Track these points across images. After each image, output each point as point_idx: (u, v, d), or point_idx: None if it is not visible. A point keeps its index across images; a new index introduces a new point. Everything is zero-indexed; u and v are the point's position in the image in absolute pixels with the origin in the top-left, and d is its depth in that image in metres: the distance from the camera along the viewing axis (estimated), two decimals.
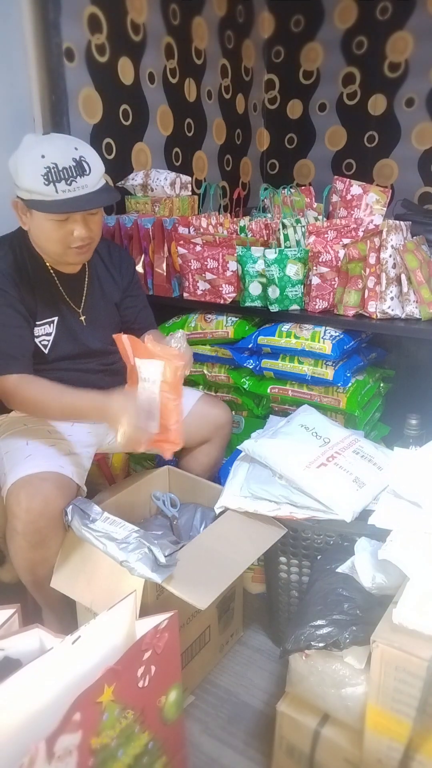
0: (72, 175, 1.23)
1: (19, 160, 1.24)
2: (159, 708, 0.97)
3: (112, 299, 1.56)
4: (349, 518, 1.32)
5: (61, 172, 1.22)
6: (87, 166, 1.25)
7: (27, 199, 1.26)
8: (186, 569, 1.19)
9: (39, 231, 1.32)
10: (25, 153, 1.24)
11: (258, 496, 1.40)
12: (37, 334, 1.40)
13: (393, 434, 1.83)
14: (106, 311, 1.54)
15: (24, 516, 1.23)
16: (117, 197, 1.41)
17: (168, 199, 2.06)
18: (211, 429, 1.66)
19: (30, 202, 1.26)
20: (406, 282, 1.58)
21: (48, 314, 1.41)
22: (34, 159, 1.22)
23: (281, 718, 1.16)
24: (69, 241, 1.32)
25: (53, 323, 1.42)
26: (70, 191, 1.24)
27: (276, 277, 1.71)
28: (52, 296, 1.42)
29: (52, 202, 1.24)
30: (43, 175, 1.21)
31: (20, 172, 1.24)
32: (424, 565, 1.02)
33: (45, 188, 1.22)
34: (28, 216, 1.31)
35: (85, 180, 1.25)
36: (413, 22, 2.60)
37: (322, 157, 3.05)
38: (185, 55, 2.50)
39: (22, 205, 1.30)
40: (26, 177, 1.23)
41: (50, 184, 1.22)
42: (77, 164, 1.24)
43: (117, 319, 1.59)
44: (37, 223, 1.30)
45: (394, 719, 0.99)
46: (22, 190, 1.26)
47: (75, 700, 0.78)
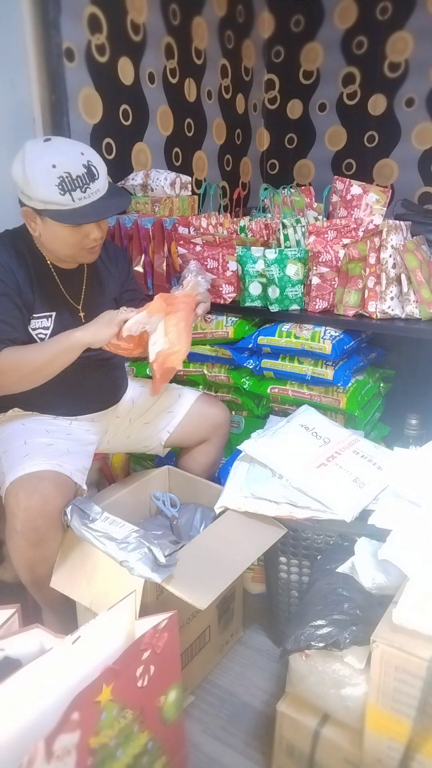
0: (86, 182, 1.24)
1: (29, 171, 1.23)
2: (158, 708, 0.97)
3: (111, 294, 1.57)
4: (349, 518, 1.32)
5: (75, 181, 1.23)
6: (95, 171, 1.27)
7: (42, 209, 1.26)
8: (186, 569, 1.19)
9: (53, 237, 1.32)
10: (34, 163, 1.22)
11: (258, 496, 1.40)
12: (34, 327, 1.40)
13: (393, 434, 1.83)
14: (105, 306, 1.54)
15: (22, 515, 1.23)
16: (129, 199, 1.44)
17: (168, 199, 2.06)
18: (210, 428, 1.66)
19: (46, 212, 1.25)
20: (406, 282, 1.58)
21: (46, 308, 1.41)
22: (46, 169, 1.22)
23: (281, 718, 1.16)
24: (83, 244, 1.34)
25: (51, 318, 1.42)
26: (86, 198, 1.25)
27: (276, 277, 1.71)
28: (51, 291, 1.42)
29: (72, 211, 1.25)
30: (57, 185, 1.22)
31: (32, 184, 1.23)
32: (424, 565, 1.02)
33: (61, 198, 1.23)
34: (39, 223, 1.31)
35: (96, 185, 1.27)
36: (413, 22, 2.61)
37: (322, 157, 3.05)
38: (185, 55, 2.50)
39: (32, 213, 1.29)
40: (39, 188, 1.23)
41: (66, 194, 1.23)
42: (88, 170, 1.25)
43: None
44: (51, 231, 1.30)
45: (394, 719, 0.99)
46: (34, 201, 1.25)
47: (73, 700, 0.78)
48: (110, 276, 1.56)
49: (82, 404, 1.51)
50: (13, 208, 1.90)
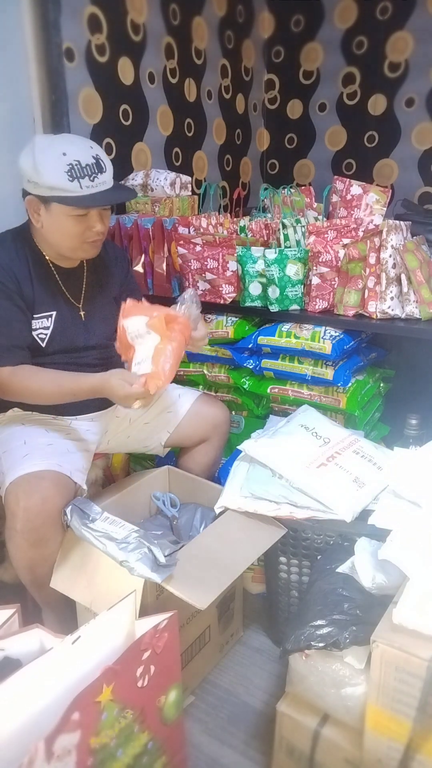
0: (94, 172, 1.28)
1: (38, 158, 1.26)
2: (158, 708, 0.97)
3: (111, 293, 1.57)
4: (349, 518, 1.32)
5: (84, 169, 1.26)
6: (103, 164, 1.30)
7: (49, 195, 1.28)
8: (186, 569, 1.19)
9: (56, 227, 1.34)
10: (44, 151, 1.26)
11: (258, 496, 1.40)
12: (35, 327, 1.41)
13: (393, 434, 1.83)
14: (105, 305, 1.55)
15: (22, 515, 1.23)
16: (135, 193, 1.48)
17: (168, 199, 2.06)
18: (210, 428, 1.66)
19: (53, 198, 1.28)
20: (406, 282, 1.58)
21: (46, 308, 1.42)
22: (56, 156, 1.25)
23: (281, 718, 1.16)
24: (86, 236, 1.36)
25: (51, 317, 1.43)
26: (93, 187, 1.28)
27: (276, 277, 1.71)
28: (51, 290, 1.43)
29: (81, 197, 1.28)
30: (66, 171, 1.25)
31: (41, 170, 1.25)
32: (424, 565, 1.02)
33: (70, 184, 1.26)
34: (42, 213, 1.33)
35: (103, 177, 1.30)
36: (413, 22, 2.61)
37: (322, 157, 3.05)
38: (185, 55, 2.50)
39: (36, 203, 1.32)
40: (49, 174, 1.25)
41: (74, 180, 1.26)
42: (96, 162, 1.28)
43: (116, 313, 1.59)
44: (55, 219, 1.32)
45: (394, 719, 0.99)
46: (42, 187, 1.27)
47: (74, 700, 0.78)
48: (110, 275, 1.56)
49: (82, 404, 1.51)
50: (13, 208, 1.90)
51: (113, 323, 1.58)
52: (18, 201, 1.84)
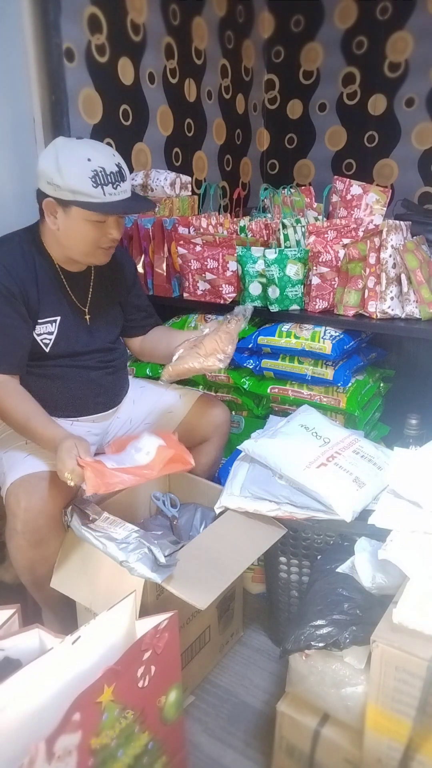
0: (117, 180, 1.28)
1: (63, 161, 1.25)
2: (159, 708, 0.97)
3: (117, 298, 1.57)
4: (349, 518, 1.32)
5: (108, 176, 1.26)
6: (125, 173, 1.31)
7: (71, 200, 1.27)
8: (186, 569, 1.19)
9: (73, 231, 1.33)
10: (69, 154, 1.25)
11: (258, 496, 1.40)
12: (38, 332, 1.40)
13: (393, 434, 1.83)
14: (110, 310, 1.55)
15: (23, 515, 1.23)
16: (153, 204, 1.50)
17: (168, 200, 2.06)
18: (210, 429, 1.66)
19: (75, 202, 1.27)
20: (406, 282, 1.58)
21: (51, 313, 1.41)
22: (81, 161, 1.24)
23: (281, 718, 1.16)
24: (101, 242, 1.36)
25: (56, 322, 1.42)
26: (115, 194, 1.28)
27: (276, 277, 1.71)
28: (57, 295, 1.42)
29: (103, 204, 1.27)
30: (91, 177, 1.24)
31: (65, 173, 1.25)
32: (424, 565, 1.02)
33: (93, 190, 1.25)
34: (60, 216, 1.32)
35: (124, 185, 1.30)
36: (413, 22, 2.61)
37: (322, 157, 3.05)
38: (185, 55, 2.50)
39: (54, 205, 1.30)
40: (73, 178, 1.25)
41: (98, 187, 1.25)
42: (119, 170, 1.29)
43: (120, 318, 1.60)
44: (72, 223, 1.31)
45: (394, 719, 0.99)
46: (63, 191, 1.26)
47: (74, 700, 0.78)
48: (117, 280, 1.56)
49: (86, 405, 1.51)
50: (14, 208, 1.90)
51: (117, 327, 1.59)
52: (19, 201, 1.84)
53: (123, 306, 1.60)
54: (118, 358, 1.58)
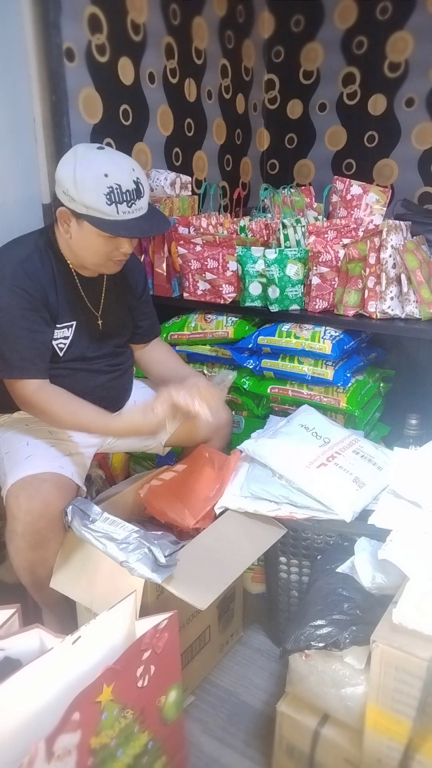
0: (133, 198, 1.25)
1: (79, 174, 1.22)
2: (159, 708, 0.97)
3: (127, 304, 1.56)
4: (349, 518, 1.32)
5: (124, 194, 1.23)
6: (141, 189, 1.27)
7: (84, 214, 1.25)
8: (186, 569, 1.19)
9: (85, 243, 1.31)
10: (87, 168, 1.22)
11: (258, 496, 1.40)
12: (56, 337, 1.40)
13: (393, 434, 1.83)
14: (121, 315, 1.54)
15: (23, 518, 1.23)
16: (169, 224, 1.45)
17: (168, 199, 2.06)
18: (211, 430, 1.66)
19: (88, 217, 1.25)
20: (406, 282, 1.58)
21: (68, 318, 1.41)
22: (97, 177, 1.21)
23: (281, 718, 1.16)
24: (113, 255, 1.34)
25: (72, 327, 1.42)
26: (130, 213, 1.25)
27: (276, 277, 1.71)
28: (73, 299, 1.42)
29: (114, 222, 1.25)
30: (106, 194, 1.22)
31: (81, 187, 1.22)
32: (424, 565, 1.02)
33: (107, 208, 1.23)
34: (73, 226, 1.30)
35: (141, 202, 1.27)
36: (413, 22, 2.60)
37: (322, 157, 3.04)
38: (185, 55, 2.50)
39: (68, 215, 1.28)
40: (88, 193, 1.22)
41: (113, 205, 1.23)
42: (136, 187, 1.25)
43: (130, 323, 1.59)
44: (84, 235, 1.30)
45: (394, 719, 0.99)
46: (77, 204, 1.24)
47: (74, 700, 0.78)
48: (127, 286, 1.56)
49: None
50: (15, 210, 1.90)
51: (127, 332, 1.58)
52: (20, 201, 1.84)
53: (132, 310, 1.60)
54: (125, 362, 1.58)
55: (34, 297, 1.32)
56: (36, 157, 1.87)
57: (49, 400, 1.35)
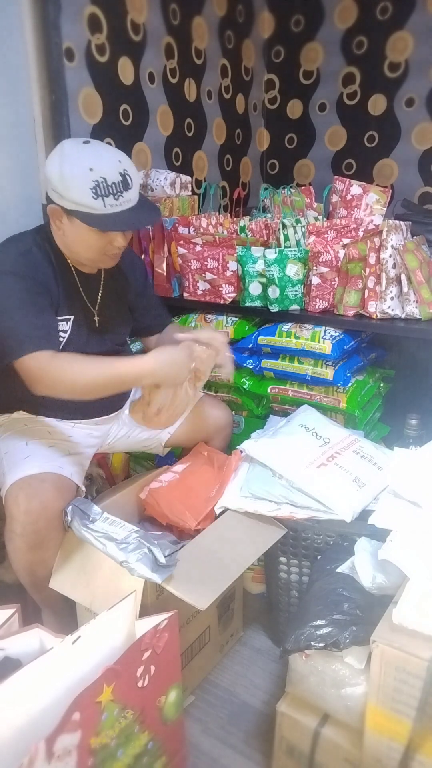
0: (119, 190, 1.24)
1: (65, 171, 1.22)
2: (159, 708, 0.97)
3: (125, 300, 1.56)
4: (349, 518, 1.32)
5: (110, 187, 1.22)
6: (130, 180, 1.26)
7: (72, 209, 1.25)
8: (186, 569, 1.19)
9: (77, 238, 1.31)
10: (72, 163, 1.22)
11: (258, 496, 1.40)
12: None
13: (393, 434, 1.83)
14: (119, 312, 1.54)
15: (23, 518, 1.23)
16: (159, 214, 1.43)
17: (168, 199, 2.06)
18: (212, 430, 1.66)
19: (76, 213, 1.25)
20: (406, 282, 1.58)
21: (66, 312, 1.40)
22: (83, 171, 1.21)
23: (281, 718, 1.16)
24: (107, 250, 1.34)
25: (69, 321, 1.41)
26: (117, 206, 1.25)
27: (276, 277, 1.71)
28: (72, 294, 1.42)
29: (102, 216, 1.24)
30: (91, 188, 1.21)
31: (66, 183, 1.22)
32: (424, 565, 1.02)
33: (93, 202, 1.22)
34: (65, 223, 1.30)
35: (129, 194, 1.26)
36: (413, 22, 2.60)
37: (322, 157, 3.05)
38: (185, 55, 2.50)
39: (59, 212, 1.28)
40: (74, 189, 1.22)
41: (99, 198, 1.22)
42: (123, 179, 1.24)
43: (128, 320, 1.59)
44: (76, 231, 1.30)
45: (394, 719, 0.99)
46: (65, 200, 1.24)
47: (74, 700, 0.78)
48: (126, 283, 1.55)
49: (89, 409, 1.51)
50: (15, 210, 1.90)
51: (125, 331, 1.58)
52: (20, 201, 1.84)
53: (133, 309, 1.59)
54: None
55: (37, 282, 1.32)
56: (36, 157, 1.87)
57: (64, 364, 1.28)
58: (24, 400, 1.43)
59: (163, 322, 1.67)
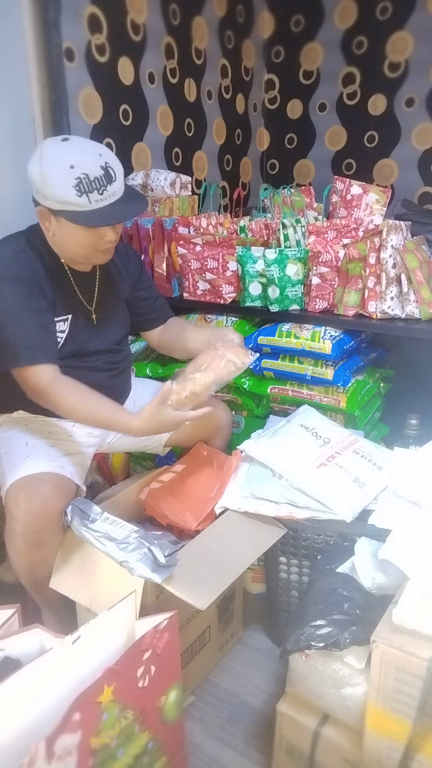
0: (103, 184, 1.23)
1: (46, 171, 1.21)
2: (159, 708, 0.97)
3: (122, 296, 1.56)
4: (349, 518, 1.32)
5: (92, 183, 1.21)
6: (113, 173, 1.25)
7: (58, 209, 1.24)
8: (186, 569, 1.18)
9: (68, 237, 1.31)
10: (52, 163, 1.21)
11: (258, 496, 1.40)
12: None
13: (393, 434, 1.83)
14: (116, 309, 1.54)
15: (22, 518, 1.23)
16: (146, 203, 1.41)
17: (168, 199, 2.06)
18: (211, 430, 1.66)
19: (62, 212, 1.24)
20: (406, 282, 1.58)
21: (63, 312, 1.40)
22: (63, 170, 1.20)
23: (281, 718, 1.16)
24: (98, 245, 1.33)
25: (67, 321, 1.41)
26: (102, 200, 1.24)
27: (276, 277, 1.71)
28: (67, 294, 1.42)
29: (88, 212, 1.23)
30: (74, 186, 1.20)
31: (48, 183, 1.21)
32: (424, 565, 1.02)
33: (78, 199, 1.21)
34: (53, 223, 1.29)
35: (113, 187, 1.25)
36: (413, 22, 2.61)
37: (322, 157, 3.05)
38: (185, 55, 2.50)
39: (46, 213, 1.28)
40: (56, 188, 1.21)
41: (83, 195, 1.21)
42: (105, 172, 1.23)
43: (126, 317, 1.59)
44: (65, 230, 1.29)
45: (394, 719, 0.99)
46: (50, 201, 1.24)
47: (74, 700, 0.78)
48: (121, 277, 1.55)
49: None
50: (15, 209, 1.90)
51: (123, 328, 1.58)
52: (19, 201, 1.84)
53: (131, 303, 1.59)
54: (123, 360, 1.58)
55: (32, 285, 1.32)
56: None
57: (64, 390, 1.31)
58: (24, 400, 1.43)
59: (164, 314, 1.67)
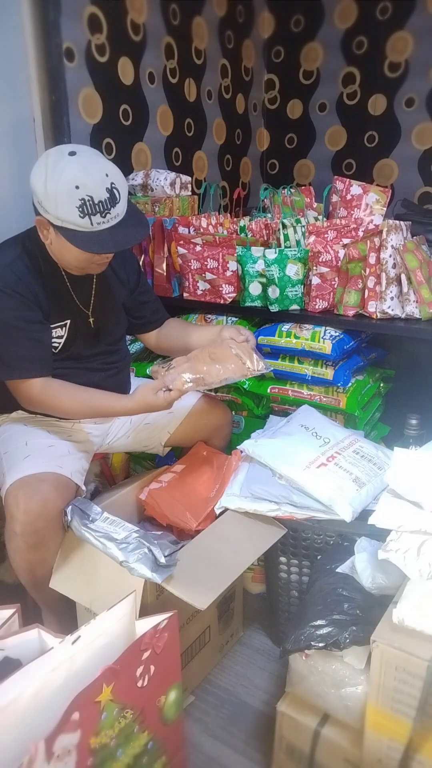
0: (106, 207, 1.21)
1: (50, 187, 1.19)
2: (158, 708, 0.97)
3: (120, 299, 1.56)
4: (349, 518, 1.32)
5: (96, 206, 1.20)
6: (117, 194, 1.23)
7: (58, 225, 1.23)
8: (186, 569, 1.19)
9: (65, 250, 1.30)
10: (57, 180, 1.18)
11: (258, 496, 1.40)
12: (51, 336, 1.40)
13: (393, 434, 1.83)
14: (114, 312, 1.54)
15: (22, 517, 1.23)
16: (147, 228, 1.40)
17: (168, 199, 2.06)
18: (211, 430, 1.66)
19: (62, 230, 1.23)
20: (406, 282, 1.58)
21: (60, 317, 1.41)
22: (68, 190, 1.18)
23: (281, 718, 1.16)
24: (94, 260, 1.33)
25: (65, 326, 1.42)
26: (105, 223, 1.22)
27: (276, 277, 1.71)
28: (64, 299, 1.42)
29: (88, 234, 1.22)
30: (78, 207, 1.19)
31: (51, 200, 1.20)
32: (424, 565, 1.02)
33: (80, 220, 1.20)
34: (51, 234, 1.28)
35: (117, 209, 1.23)
36: (413, 22, 2.61)
37: (322, 157, 3.05)
38: (185, 55, 2.50)
39: (46, 223, 1.26)
40: (59, 206, 1.20)
41: (85, 217, 1.20)
42: (110, 195, 1.21)
43: (123, 318, 1.59)
44: (63, 245, 1.28)
45: (394, 719, 0.99)
46: (51, 216, 1.22)
47: (73, 700, 0.78)
48: (119, 281, 1.55)
49: None
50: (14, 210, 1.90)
51: (121, 329, 1.58)
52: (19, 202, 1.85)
53: (128, 306, 1.59)
54: (121, 360, 1.58)
55: (25, 297, 1.32)
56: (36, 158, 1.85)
57: (56, 396, 1.37)
58: None
59: (161, 317, 1.67)
